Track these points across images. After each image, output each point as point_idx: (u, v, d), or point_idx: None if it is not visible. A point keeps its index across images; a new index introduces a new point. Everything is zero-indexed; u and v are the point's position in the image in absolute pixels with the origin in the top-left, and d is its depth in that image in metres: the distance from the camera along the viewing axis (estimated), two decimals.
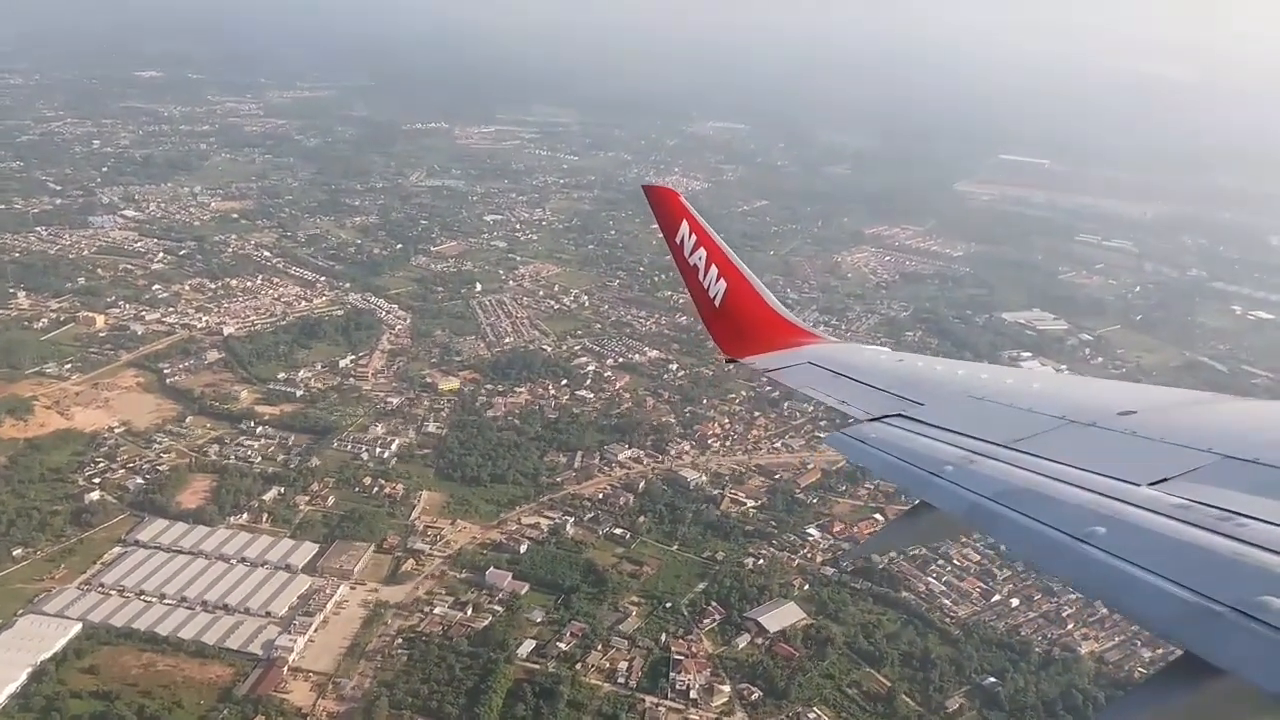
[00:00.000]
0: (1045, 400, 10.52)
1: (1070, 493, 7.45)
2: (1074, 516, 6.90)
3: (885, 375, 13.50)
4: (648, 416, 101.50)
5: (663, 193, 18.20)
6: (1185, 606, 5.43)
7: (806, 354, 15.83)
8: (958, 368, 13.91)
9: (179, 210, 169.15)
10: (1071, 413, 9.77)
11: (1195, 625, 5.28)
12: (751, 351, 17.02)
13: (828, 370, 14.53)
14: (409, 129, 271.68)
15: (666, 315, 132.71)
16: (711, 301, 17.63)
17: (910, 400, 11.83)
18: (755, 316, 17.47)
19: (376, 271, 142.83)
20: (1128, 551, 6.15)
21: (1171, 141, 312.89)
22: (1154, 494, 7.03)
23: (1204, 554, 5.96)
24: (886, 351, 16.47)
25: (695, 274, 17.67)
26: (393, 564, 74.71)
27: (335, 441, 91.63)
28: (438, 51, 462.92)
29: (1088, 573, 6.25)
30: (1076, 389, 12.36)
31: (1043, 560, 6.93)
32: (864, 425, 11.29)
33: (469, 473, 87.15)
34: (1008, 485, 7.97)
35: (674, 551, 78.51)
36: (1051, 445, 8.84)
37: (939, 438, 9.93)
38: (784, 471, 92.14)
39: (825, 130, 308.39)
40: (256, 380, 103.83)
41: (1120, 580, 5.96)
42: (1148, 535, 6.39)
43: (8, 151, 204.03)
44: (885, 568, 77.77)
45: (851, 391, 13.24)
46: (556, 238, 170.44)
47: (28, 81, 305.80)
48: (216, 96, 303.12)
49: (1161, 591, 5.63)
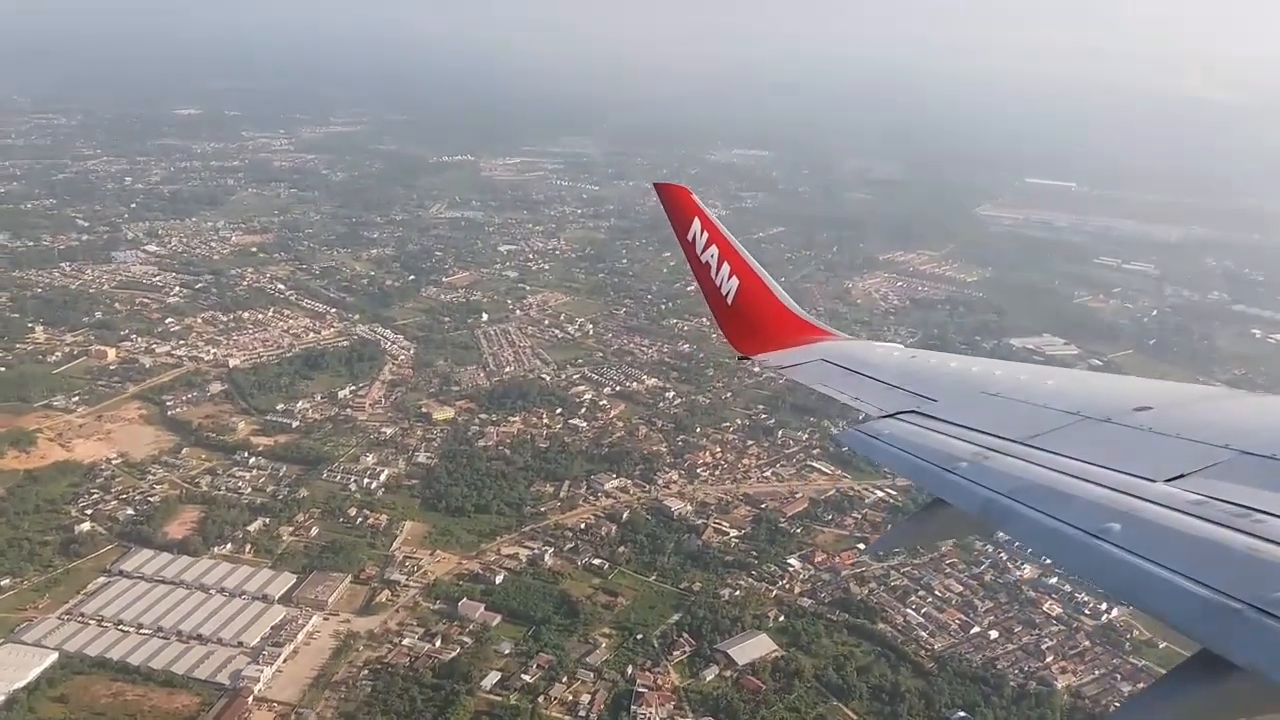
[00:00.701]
0: (1060, 396, 10.56)
1: (1085, 489, 7.47)
2: (1089, 513, 6.93)
3: (898, 371, 13.58)
4: (639, 445, 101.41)
5: (674, 190, 18.29)
6: (1202, 603, 5.45)
7: (819, 351, 15.94)
8: (971, 364, 13.80)
9: (200, 245, 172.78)
10: (1086, 409, 9.79)
11: (1212, 621, 5.29)
12: (764, 349, 17.15)
13: (840, 367, 14.59)
14: (435, 161, 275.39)
15: (669, 343, 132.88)
16: (724, 299, 17.73)
17: (924, 396, 11.89)
18: (767, 313, 17.58)
19: (386, 303, 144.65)
20: (1144, 548, 6.17)
21: (1206, 163, 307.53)
22: (1170, 490, 7.06)
23: (1221, 550, 5.97)
24: (900, 348, 16.63)
25: (707, 271, 17.82)
26: (368, 595, 75.20)
27: (325, 472, 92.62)
28: (471, 85, 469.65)
29: (1104, 569, 6.28)
30: (1091, 385, 12.34)
31: (1058, 557, 6.97)
32: (878, 422, 11.34)
33: (453, 503, 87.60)
34: (1022, 481, 8.02)
35: (651, 582, 78.17)
36: (1066, 441, 8.88)
37: (953, 434, 10.01)
38: (771, 501, 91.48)
39: (850, 156, 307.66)
40: (255, 411, 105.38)
41: (1137, 577, 5.97)
42: (1164, 531, 6.41)
43: (43, 190, 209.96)
44: (864, 599, 76.76)
45: (864, 388, 13.31)
46: (568, 267, 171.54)
47: (70, 122, 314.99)
48: (250, 133, 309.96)
49: (1178, 588, 5.65)
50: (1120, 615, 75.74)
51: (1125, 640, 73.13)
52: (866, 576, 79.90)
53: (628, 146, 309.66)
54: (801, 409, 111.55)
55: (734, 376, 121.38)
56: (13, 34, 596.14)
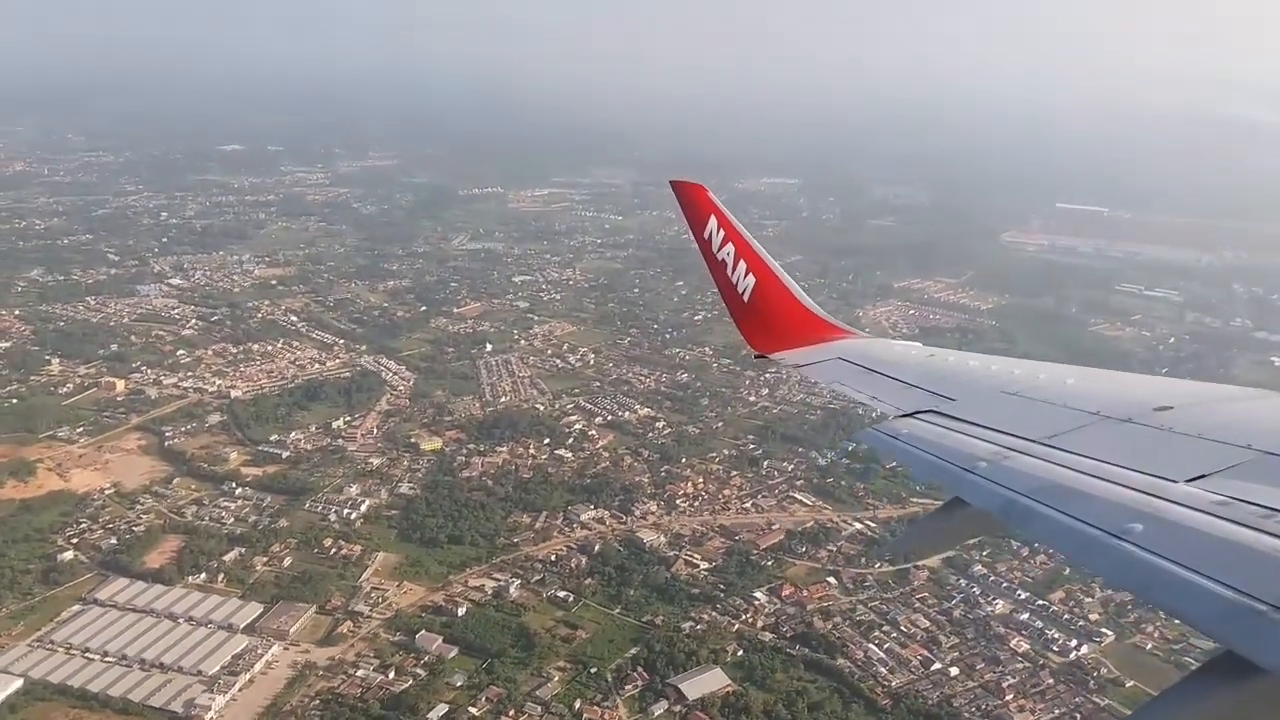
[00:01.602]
0: (1079, 396, 10.63)
1: (1106, 489, 7.52)
2: (1111, 513, 6.97)
3: (916, 370, 13.70)
4: (622, 476, 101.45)
5: (690, 188, 18.40)
6: (1226, 604, 5.44)
7: (836, 349, 16.19)
8: (990, 363, 13.94)
9: (223, 278, 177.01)
10: (1106, 408, 9.85)
11: (1237, 623, 5.29)
12: (780, 347, 17.39)
13: (858, 365, 14.82)
14: (465, 194, 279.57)
15: (668, 373, 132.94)
16: (740, 297, 17.85)
17: (942, 396, 12.06)
18: (784, 312, 17.74)
19: (394, 334, 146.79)
20: (1166, 548, 6.18)
21: (1244, 184, 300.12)
22: (1192, 490, 7.08)
23: (1246, 552, 5.97)
24: (918, 346, 16.69)
25: (723, 269, 17.97)
26: (331, 625, 75.98)
27: (308, 503, 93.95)
28: (506, 118, 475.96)
29: (1126, 570, 6.30)
30: (1111, 384, 12.39)
31: (1080, 557, 6.98)
32: (896, 421, 11.52)
33: (428, 534, 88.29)
34: (1043, 481, 8.07)
35: (615, 615, 77.96)
36: (1086, 441, 8.94)
37: (972, 433, 10.12)
38: (747, 532, 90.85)
39: (879, 183, 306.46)
40: (249, 442, 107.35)
41: (1159, 577, 5.99)
42: (1187, 532, 6.42)
43: (81, 225, 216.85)
44: (827, 633, 75.76)
45: (882, 387, 13.45)
46: (579, 297, 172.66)
47: (118, 159, 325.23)
48: (288, 167, 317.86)
49: (1202, 589, 5.65)
50: (1089, 653, 74.04)
51: (1090, 679, 71.27)
52: (832, 610, 78.91)
53: (657, 176, 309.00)
54: (790, 439, 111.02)
55: (727, 406, 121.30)
56: (72, 73, 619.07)
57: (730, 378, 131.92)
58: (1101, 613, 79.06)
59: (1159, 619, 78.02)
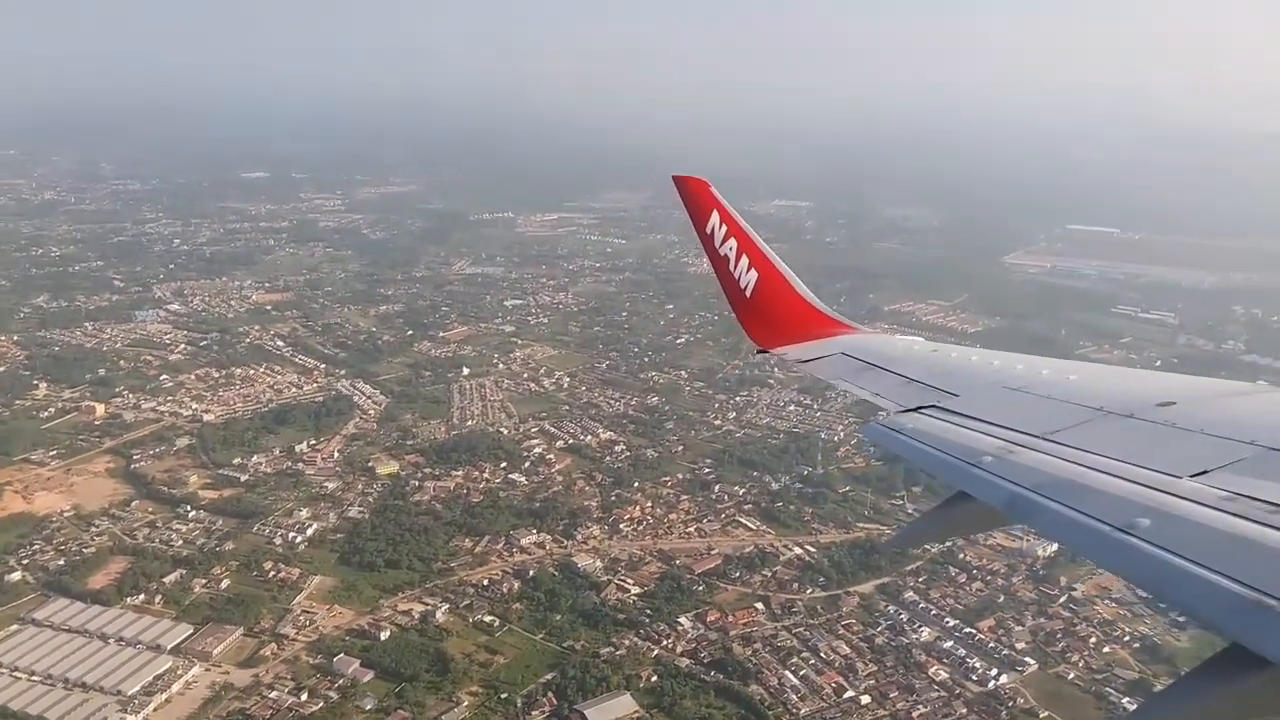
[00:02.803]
0: (1082, 391, 10.69)
1: (1112, 484, 7.57)
2: (1117, 508, 7.02)
3: (919, 366, 13.75)
4: (571, 500, 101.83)
5: (693, 183, 18.46)
6: (1235, 598, 5.48)
7: (839, 344, 16.24)
8: (993, 358, 13.94)
9: (220, 303, 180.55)
10: (1109, 404, 9.90)
11: (1245, 617, 5.34)
12: (783, 342, 17.43)
13: (861, 361, 14.84)
14: (475, 219, 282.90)
15: (639, 396, 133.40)
16: (742, 292, 17.93)
17: (945, 391, 12.11)
18: (787, 307, 17.83)
19: (376, 358, 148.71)
20: (1174, 543, 6.24)
21: (1268, 204, 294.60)
22: (1196, 485, 7.16)
23: (1253, 546, 6.02)
24: (920, 341, 16.77)
25: (726, 264, 18.07)
26: (255, 647, 77.10)
27: (257, 526, 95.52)
28: (530, 142, 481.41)
29: (1133, 564, 6.35)
30: (1114, 380, 12.41)
31: (1087, 552, 6.99)
32: (900, 416, 11.52)
33: (367, 558, 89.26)
34: (1048, 476, 8.11)
35: (537, 640, 78.22)
36: (1089, 436, 9.00)
37: (976, 429, 10.17)
38: (685, 557, 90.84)
39: (891, 204, 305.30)
40: (213, 465, 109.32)
41: (1166, 572, 6.04)
42: (1194, 527, 6.48)
43: (95, 251, 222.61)
44: (745, 659, 75.45)
45: (885, 382, 13.51)
46: (566, 321, 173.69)
47: (144, 187, 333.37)
48: (308, 194, 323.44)
49: (1209, 583, 5.70)
50: (1008, 682, 73.01)
51: (1004, 709, 70.25)
52: (755, 636, 78.59)
53: (669, 200, 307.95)
54: (747, 463, 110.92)
55: (691, 429, 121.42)
56: (112, 97, 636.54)
57: (700, 401, 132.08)
58: (1029, 641, 78.01)
59: (1085, 649, 76.94)
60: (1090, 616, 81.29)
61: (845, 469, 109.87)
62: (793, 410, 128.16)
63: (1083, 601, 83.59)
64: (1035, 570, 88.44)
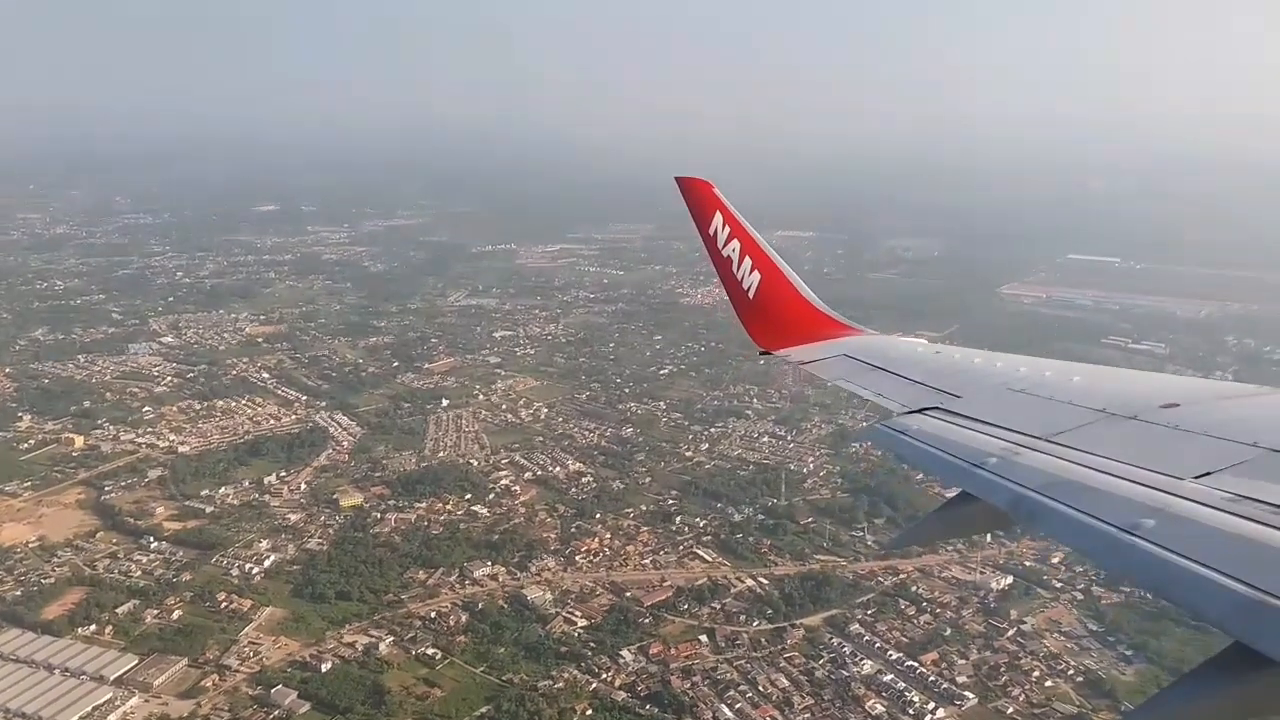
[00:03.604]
0: (1085, 393, 10.76)
1: (1116, 485, 7.60)
2: (1122, 509, 7.05)
3: (922, 367, 13.86)
4: (532, 532, 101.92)
5: (696, 184, 18.56)
6: (1239, 599, 5.51)
7: (842, 346, 16.31)
8: (996, 359, 14.11)
9: (213, 336, 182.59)
10: (1112, 405, 9.96)
11: (1249, 618, 5.37)
12: (786, 344, 17.42)
13: (863, 363, 14.93)
14: (477, 251, 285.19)
15: (614, 428, 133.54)
16: (745, 293, 17.96)
17: (948, 393, 12.21)
18: (789, 308, 17.85)
19: (358, 390, 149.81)
20: (1179, 544, 6.26)
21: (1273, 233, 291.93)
22: (1200, 487, 7.18)
23: (1258, 548, 6.05)
24: (923, 343, 16.86)
25: (729, 266, 18.09)
26: (197, 678, 77.54)
27: (216, 557, 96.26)
28: (543, 174, 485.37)
29: (1138, 565, 6.39)
30: (1117, 382, 12.41)
31: (1092, 553, 7.02)
32: (905, 418, 11.59)
33: (319, 590, 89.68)
34: (1052, 477, 8.14)
35: (477, 674, 78.16)
36: (1093, 438, 9.04)
37: (979, 430, 10.23)
38: (637, 589, 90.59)
39: (894, 235, 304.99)
40: (181, 497, 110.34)
41: (1171, 573, 6.06)
42: (1199, 528, 6.50)
43: (98, 285, 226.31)
44: (683, 692, 75.06)
45: (888, 384, 13.62)
46: (553, 352, 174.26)
47: (156, 220, 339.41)
48: (315, 227, 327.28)
49: (1214, 584, 5.73)
50: (945, 716, 72.20)
51: None
52: (695, 669, 78.13)
53: (672, 232, 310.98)
54: (713, 494, 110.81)
55: (661, 461, 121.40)
56: (133, 143, 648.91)
57: (675, 432, 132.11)
58: (971, 675, 77.17)
59: (1028, 682, 76.02)
60: (1036, 650, 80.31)
61: (811, 500, 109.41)
62: (766, 442, 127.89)
63: (1031, 635, 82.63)
64: (987, 603, 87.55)
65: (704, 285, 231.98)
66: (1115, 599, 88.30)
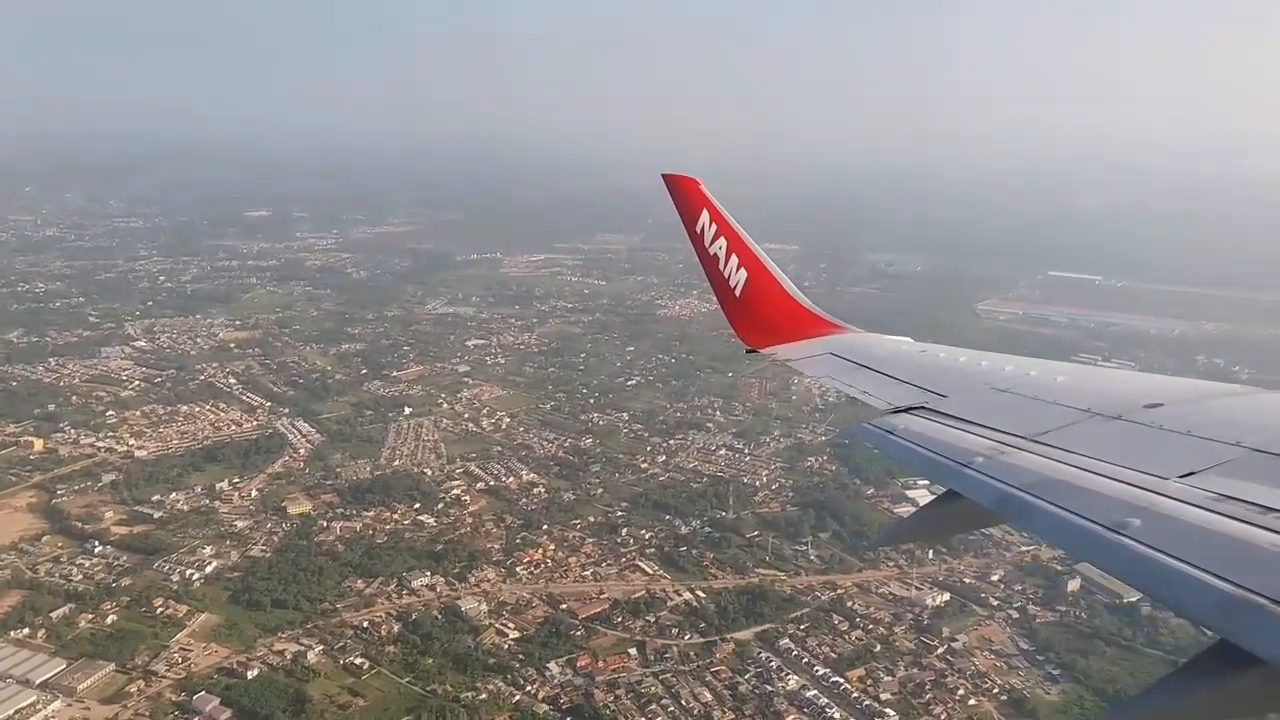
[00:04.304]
0: (1070, 392, 10.82)
1: (1102, 484, 7.65)
2: (1108, 508, 7.09)
3: (908, 366, 13.96)
4: (476, 542, 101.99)
5: (683, 181, 18.46)
6: (1225, 598, 5.57)
7: (828, 344, 16.61)
8: (981, 359, 14.15)
9: (187, 341, 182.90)
10: (1097, 405, 10.01)
11: (1236, 616, 5.42)
12: (772, 342, 17.81)
13: (849, 361, 15.10)
14: (462, 259, 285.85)
15: (574, 438, 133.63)
16: (732, 291, 18.13)
17: (933, 392, 12.28)
18: (776, 306, 18.23)
19: (323, 397, 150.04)
20: (1165, 543, 6.33)
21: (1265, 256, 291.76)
22: (1184, 487, 7.24)
23: (1243, 547, 6.12)
24: (909, 341, 16.93)
25: (715, 263, 18.20)
26: (124, 683, 77.63)
27: (158, 563, 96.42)
28: (541, 184, 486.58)
29: (1125, 564, 6.44)
30: (1101, 381, 12.42)
31: (1079, 551, 7.03)
32: (892, 417, 11.63)
33: (255, 597, 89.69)
34: (1039, 476, 8.19)
35: (403, 684, 78.12)
36: (1078, 438, 9.11)
37: (965, 429, 10.29)
38: (574, 601, 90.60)
39: (880, 249, 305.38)
40: (132, 502, 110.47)
41: (1158, 571, 6.12)
42: (1185, 527, 6.56)
43: (79, 288, 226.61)
44: (604, 705, 75.05)
45: (873, 382, 13.68)
46: (523, 361, 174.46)
47: (145, 224, 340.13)
48: (303, 233, 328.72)
49: (1200, 582, 5.79)
50: None
51: None
52: (621, 682, 78.14)
53: (659, 243, 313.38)
54: (662, 506, 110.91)
55: (616, 472, 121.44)
56: (136, 143, 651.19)
57: (634, 444, 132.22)
58: (896, 692, 77.09)
59: (951, 700, 75.98)
60: (964, 668, 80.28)
61: (760, 513, 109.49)
62: (723, 454, 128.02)
63: (961, 652, 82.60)
64: (921, 620, 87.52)
65: (682, 297, 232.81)
66: (1050, 618, 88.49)
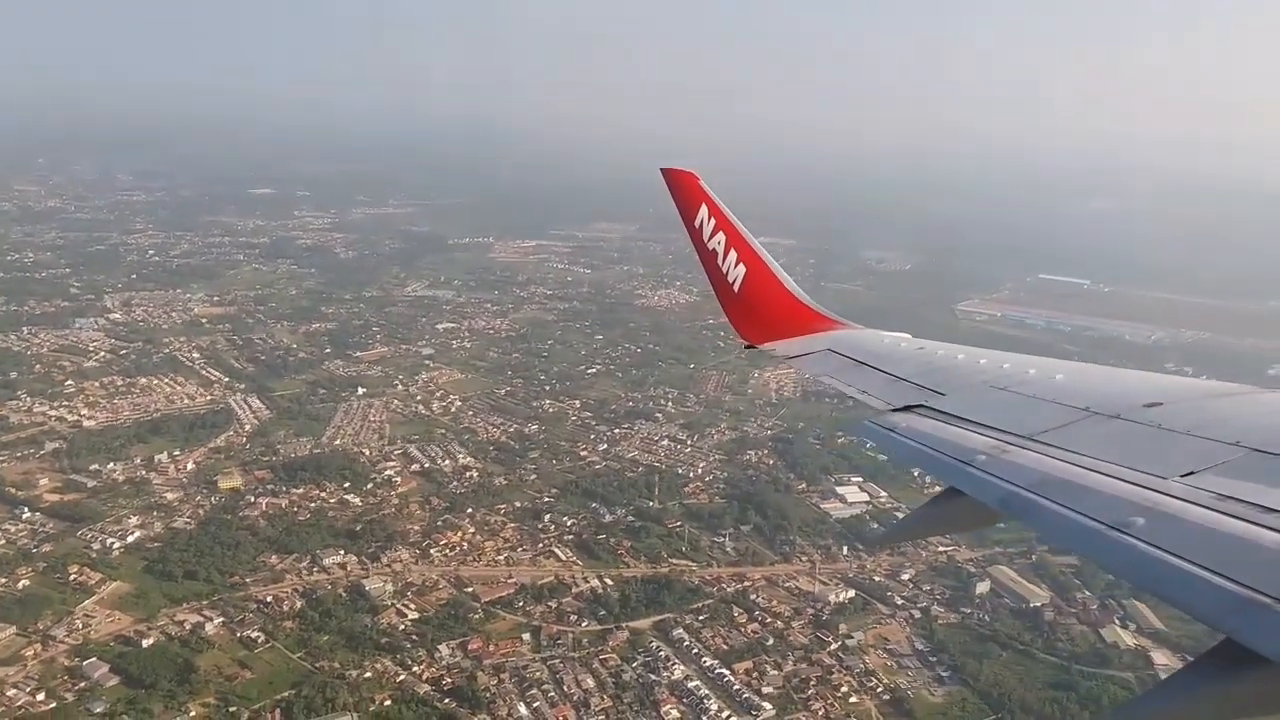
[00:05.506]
0: (1069, 391, 10.82)
1: (1104, 483, 7.66)
2: (1111, 507, 7.10)
3: (906, 364, 13.98)
4: (397, 523, 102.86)
5: (682, 175, 18.53)
6: (1230, 597, 5.56)
7: (826, 340, 16.41)
8: (979, 356, 14.12)
9: (161, 315, 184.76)
10: (1096, 404, 9.99)
11: (1241, 615, 5.39)
12: (771, 337, 17.56)
13: (847, 358, 15.06)
14: (453, 243, 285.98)
15: (520, 424, 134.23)
16: (730, 286, 18.02)
17: (932, 390, 12.34)
18: (774, 302, 17.90)
19: (281, 375, 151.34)
20: (1169, 542, 6.32)
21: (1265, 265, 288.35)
22: (1185, 486, 7.25)
23: (1246, 546, 6.09)
24: (907, 338, 16.72)
25: (714, 258, 18.16)
26: (21, 647, 79.03)
27: (82, 530, 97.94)
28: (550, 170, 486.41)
29: (1129, 563, 6.44)
30: (1101, 380, 12.34)
31: (1083, 550, 7.06)
32: (893, 415, 11.77)
33: (169, 568, 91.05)
34: (1041, 475, 8.21)
35: (294, 659, 79.13)
36: (1077, 437, 9.13)
37: (965, 428, 10.34)
38: (481, 585, 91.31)
39: (873, 246, 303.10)
40: (70, 471, 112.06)
41: (1162, 570, 6.11)
42: (1188, 527, 6.55)
43: (68, 259, 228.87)
44: (485, 688, 75.73)
45: (872, 380, 13.75)
46: (489, 346, 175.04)
47: (148, 198, 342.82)
48: (302, 212, 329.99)
49: (1204, 582, 5.78)
50: None
51: None
52: (508, 666, 78.86)
53: (653, 234, 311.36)
54: (591, 494, 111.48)
55: (554, 459, 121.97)
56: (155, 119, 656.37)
57: (579, 432, 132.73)
58: (779, 686, 77.32)
59: (833, 697, 76.21)
60: (853, 666, 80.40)
61: (687, 504, 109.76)
62: (665, 445, 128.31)
63: (854, 650, 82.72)
64: (820, 615, 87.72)
65: (664, 288, 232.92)
66: (952, 619, 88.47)
